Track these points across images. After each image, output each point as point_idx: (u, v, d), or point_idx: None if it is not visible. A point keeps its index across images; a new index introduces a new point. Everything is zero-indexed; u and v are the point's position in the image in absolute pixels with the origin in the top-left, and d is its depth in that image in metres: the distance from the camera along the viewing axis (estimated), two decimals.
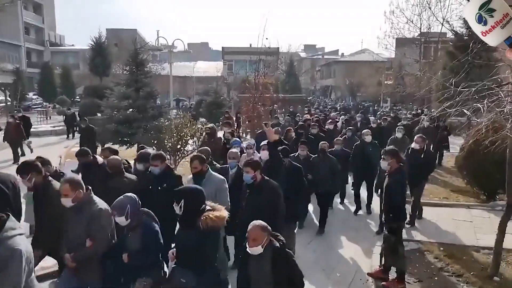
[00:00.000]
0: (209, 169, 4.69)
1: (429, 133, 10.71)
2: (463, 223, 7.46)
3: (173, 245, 3.61)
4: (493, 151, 5.68)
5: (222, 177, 4.71)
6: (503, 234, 5.27)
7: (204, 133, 9.44)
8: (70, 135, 18.44)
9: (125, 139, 11.59)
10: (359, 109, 25.90)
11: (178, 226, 3.88)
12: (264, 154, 5.81)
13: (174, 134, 11.19)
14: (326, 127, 11.63)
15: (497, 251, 5.27)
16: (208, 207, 3.33)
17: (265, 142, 6.23)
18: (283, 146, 5.93)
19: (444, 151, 12.18)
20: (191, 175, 4.77)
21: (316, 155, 7.20)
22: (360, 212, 8.06)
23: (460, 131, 11.61)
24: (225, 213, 3.31)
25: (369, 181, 8.09)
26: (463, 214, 7.93)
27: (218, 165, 5.72)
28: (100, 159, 5.81)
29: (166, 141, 11.35)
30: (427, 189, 9.71)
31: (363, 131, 8.59)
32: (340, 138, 8.83)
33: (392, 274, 5.21)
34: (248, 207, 4.35)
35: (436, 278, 5.34)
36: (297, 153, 7.16)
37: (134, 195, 3.65)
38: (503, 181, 5.57)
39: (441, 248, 6.23)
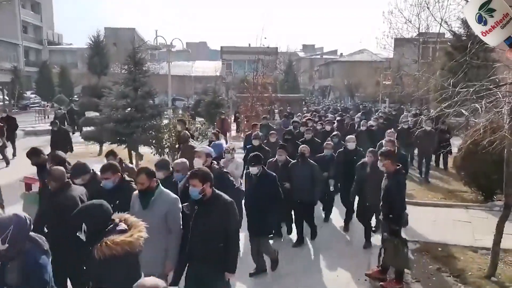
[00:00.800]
0: (159, 185, 3.92)
1: (431, 136, 10.47)
2: (461, 223, 7.47)
3: None
4: (491, 151, 5.67)
5: (175, 196, 3.97)
6: (500, 234, 5.28)
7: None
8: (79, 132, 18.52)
9: (123, 138, 11.55)
10: (359, 109, 25.47)
11: None
12: (197, 162, 5.13)
13: (173, 134, 11.19)
14: (320, 128, 11.03)
15: (494, 252, 5.28)
16: (122, 226, 2.71)
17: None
18: (255, 153, 5.46)
19: (442, 152, 11.97)
20: (137, 192, 3.97)
21: (295, 160, 6.46)
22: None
23: (458, 132, 11.59)
24: (136, 236, 2.64)
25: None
26: (461, 215, 7.94)
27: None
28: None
29: (164, 141, 11.36)
30: (425, 190, 9.76)
31: (346, 137, 7.81)
32: (330, 142, 7.86)
33: (390, 275, 5.22)
34: (195, 229, 3.62)
35: (434, 278, 5.35)
36: (275, 158, 6.48)
37: (26, 216, 2.77)
38: (501, 181, 5.59)
39: (439, 248, 6.24)
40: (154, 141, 11.62)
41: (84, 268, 2.88)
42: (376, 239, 6.36)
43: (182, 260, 3.92)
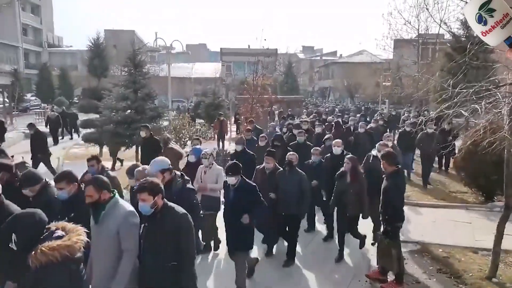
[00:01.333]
0: (115, 196, 3.45)
1: (433, 138, 10.05)
2: (461, 224, 7.46)
3: None
4: (491, 152, 5.68)
5: (130, 209, 3.43)
6: (501, 235, 5.28)
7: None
8: (69, 136, 18.48)
9: (123, 140, 11.56)
10: (361, 111, 25.03)
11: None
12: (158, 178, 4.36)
13: (173, 135, 11.22)
14: (317, 131, 10.38)
15: (495, 252, 5.28)
16: (59, 233, 2.52)
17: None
18: (233, 161, 5.08)
19: (443, 153, 11.74)
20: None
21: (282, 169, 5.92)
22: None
23: (458, 133, 11.57)
24: (74, 239, 2.47)
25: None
26: (462, 215, 7.93)
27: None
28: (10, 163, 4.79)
29: None
30: (425, 191, 9.75)
31: (333, 141, 7.24)
32: (318, 148, 7.28)
33: (391, 276, 5.21)
34: (145, 248, 3.30)
35: (434, 279, 5.34)
36: (262, 165, 6.01)
37: None
38: (501, 182, 5.59)
39: (440, 249, 6.25)
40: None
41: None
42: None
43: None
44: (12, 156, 6.44)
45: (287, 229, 5.92)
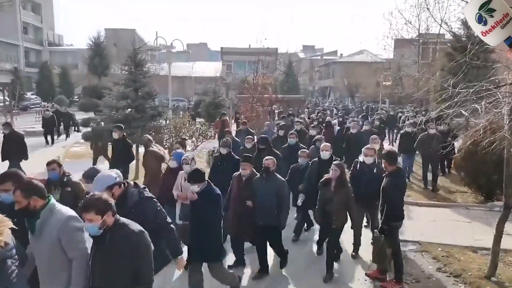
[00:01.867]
0: (50, 201, 3.06)
1: (435, 139, 9.54)
2: (461, 223, 7.48)
3: None
4: (491, 152, 5.69)
5: (70, 214, 3.07)
6: (500, 234, 5.29)
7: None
8: (65, 137, 18.48)
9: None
10: (362, 111, 24.67)
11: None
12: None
13: (173, 134, 11.23)
14: (311, 133, 9.99)
15: (494, 252, 5.29)
16: None
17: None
18: (195, 168, 4.69)
19: (442, 152, 11.52)
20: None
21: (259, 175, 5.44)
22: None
23: (457, 133, 11.57)
24: None
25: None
26: (461, 215, 7.95)
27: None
28: None
29: (165, 141, 11.40)
30: (424, 190, 9.76)
31: (321, 145, 6.76)
32: (305, 150, 6.97)
33: (390, 275, 5.23)
34: (94, 272, 2.90)
35: (434, 279, 5.36)
36: (239, 172, 5.50)
37: None
38: (501, 181, 5.60)
39: (439, 249, 6.26)
40: (154, 142, 11.65)
41: None
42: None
43: None
44: None
45: (268, 241, 5.46)
